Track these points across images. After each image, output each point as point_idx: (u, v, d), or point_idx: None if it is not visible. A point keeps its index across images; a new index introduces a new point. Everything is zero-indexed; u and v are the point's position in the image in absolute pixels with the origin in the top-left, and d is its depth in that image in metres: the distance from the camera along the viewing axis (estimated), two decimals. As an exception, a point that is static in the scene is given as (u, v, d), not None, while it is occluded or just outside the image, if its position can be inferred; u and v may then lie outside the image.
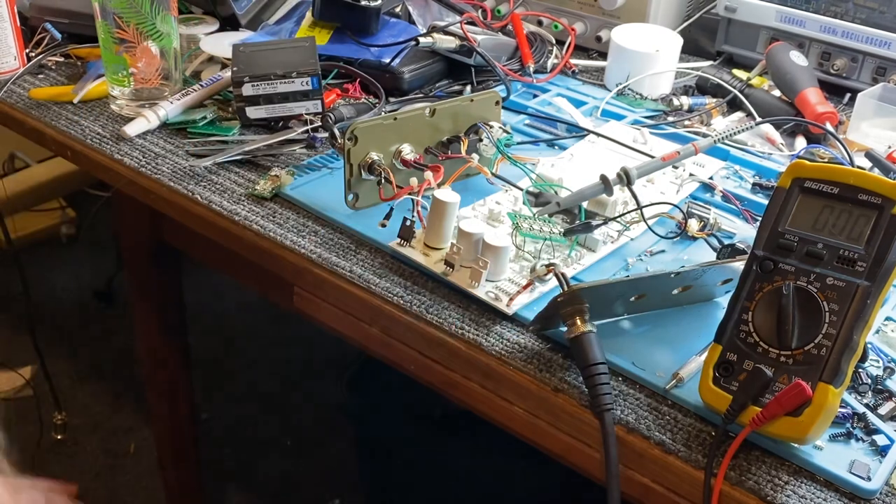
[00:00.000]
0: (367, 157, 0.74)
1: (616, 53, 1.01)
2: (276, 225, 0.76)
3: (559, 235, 0.72)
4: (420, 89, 0.98)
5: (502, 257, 0.67)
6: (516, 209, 0.76)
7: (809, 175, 0.57)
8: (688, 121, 0.94)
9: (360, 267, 0.71)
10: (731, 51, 1.10)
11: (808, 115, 0.91)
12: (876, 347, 0.64)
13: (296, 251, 0.73)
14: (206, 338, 1.90)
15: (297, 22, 1.03)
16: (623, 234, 0.75)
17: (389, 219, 0.72)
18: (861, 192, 0.55)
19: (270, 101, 0.87)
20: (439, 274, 0.69)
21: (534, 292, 0.67)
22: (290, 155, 0.86)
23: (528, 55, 1.02)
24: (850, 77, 1.02)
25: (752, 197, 0.81)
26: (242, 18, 1.04)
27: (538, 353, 0.63)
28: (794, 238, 0.56)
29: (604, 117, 0.95)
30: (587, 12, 1.11)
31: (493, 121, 0.81)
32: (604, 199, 0.75)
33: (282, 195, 0.80)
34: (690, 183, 0.82)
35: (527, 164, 0.81)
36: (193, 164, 0.84)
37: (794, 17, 1.03)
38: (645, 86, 0.99)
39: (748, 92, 0.97)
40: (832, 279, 0.54)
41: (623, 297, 0.64)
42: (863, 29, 0.99)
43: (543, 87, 1.01)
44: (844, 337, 0.52)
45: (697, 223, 0.74)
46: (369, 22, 0.98)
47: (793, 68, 0.96)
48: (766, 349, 0.55)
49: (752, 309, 0.56)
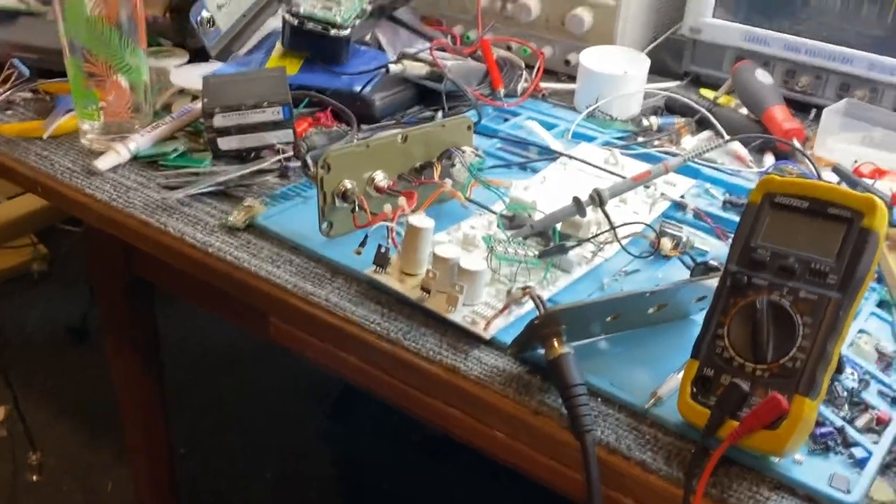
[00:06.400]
0: (340, 185, 0.74)
1: (585, 76, 1.02)
2: (251, 255, 0.76)
3: (534, 258, 0.72)
4: (392, 116, 0.98)
5: (478, 281, 0.67)
6: (491, 233, 0.76)
7: (779, 190, 0.58)
8: (657, 141, 0.95)
9: (335, 295, 0.71)
10: (698, 71, 1.11)
11: (776, 132, 0.93)
12: (851, 360, 0.64)
13: (270, 281, 0.73)
14: (183, 371, 1.88)
15: (267, 52, 1.03)
16: (597, 255, 0.75)
17: (364, 246, 0.72)
18: (830, 205, 0.56)
19: (242, 132, 0.87)
20: (416, 300, 0.69)
21: (510, 315, 0.67)
22: (262, 185, 0.86)
23: (498, 80, 1.03)
24: (815, 94, 1.04)
25: (723, 214, 0.82)
26: (212, 50, 1.04)
27: (517, 376, 0.63)
28: (766, 253, 0.57)
29: (575, 139, 0.96)
30: (555, 36, 1.12)
31: (465, 146, 0.81)
32: (577, 221, 0.75)
33: (255, 225, 0.80)
34: (662, 202, 0.83)
35: (500, 187, 0.82)
36: (165, 197, 0.83)
37: (759, 36, 1.05)
38: (614, 107, 1.00)
39: (716, 111, 0.99)
40: (805, 292, 0.54)
41: (599, 318, 0.64)
42: (825, 46, 1.01)
43: (514, 110, 1.01)
44: (819, 349, 0.53)
45: (670, 242, 0.75)
46: (339, 51, 0.99)
47: (758, 87, 0.98)
48: (742, 363, 0.55)
49: (727, 324, 0.56)
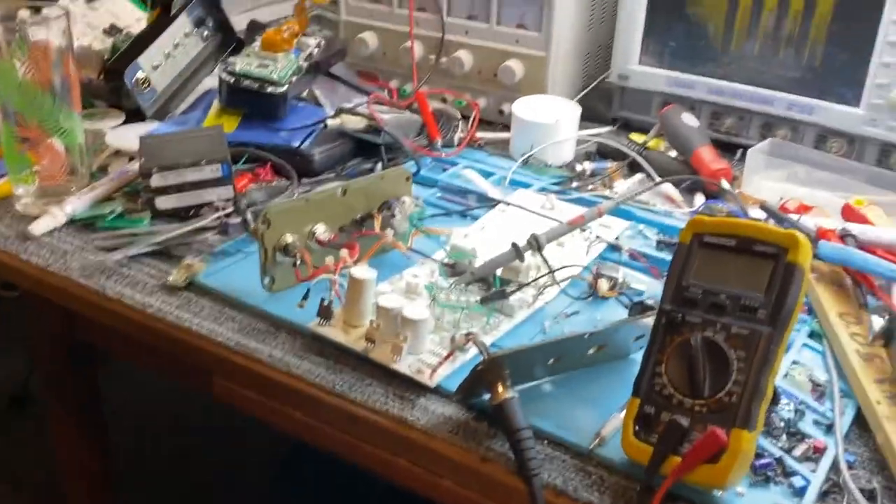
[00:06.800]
0: (281, 240, 0.75)
1: (519, 125, 1.05)
2: (192, 314, 0.75)
3: (476, 304, 0.73)
4: (332, 169, 0.99)
5: (422, 330, 0.68)
6: (433, 281, 0.77)
7: (708, 230, 0.60)
8: (591, 185, 0.98)
9: (279, 350, 0.71)
10: (628, 116, 1.15)
11: (704, 172, 0.96)
12: (786, 391, 0.66)
13: (213, 339, 0.73)
14: (128, 435, 1.83)
15: (205, 111, 1.03)
16: (538, 299, 0.77)
17: (307, 299, 0.72)
18: (756, 242, 0.58)
19: (180, 190, 0.87)
20: (360, 351, 0.69)
21: (455, 362, 0.68)
22: (203, 243, 0.85)
23: (435, 131, 1.05)
24: (739, 134, 1.08)
25: (657, 254, 0.84)
26: (148, 110, 1.04)
27: (464, 423, 0.64)
28: (698, 291, 0.58)
29: (512, 186, 0.98)
30: (489, 87, 1.15)
31: (404, 196, 0.82)
32: (517, 266, 0.76)
33: (196, 284, 0.79)
34: (598, 244, 0.85)
35: (440, 235, 0.83)
36: (103, 259, 0.83)
37: (683, 81, 1.09)
38: (549, 154, 1.03)
39: (646, 154, 1.02)
40: (737, 328, 0.56)
41: (542, 361, 0.65)
42: (747, 89, 1.06)
43: (452, 160, 1.03)
44: (753, 383, 0.54)
45: (607, 283, 0.77)
46: (277, 107, 1.00)
47: (685, 129, 1.01)
48: (681, 400, 0.56)
49: (664, 362, 0.58)
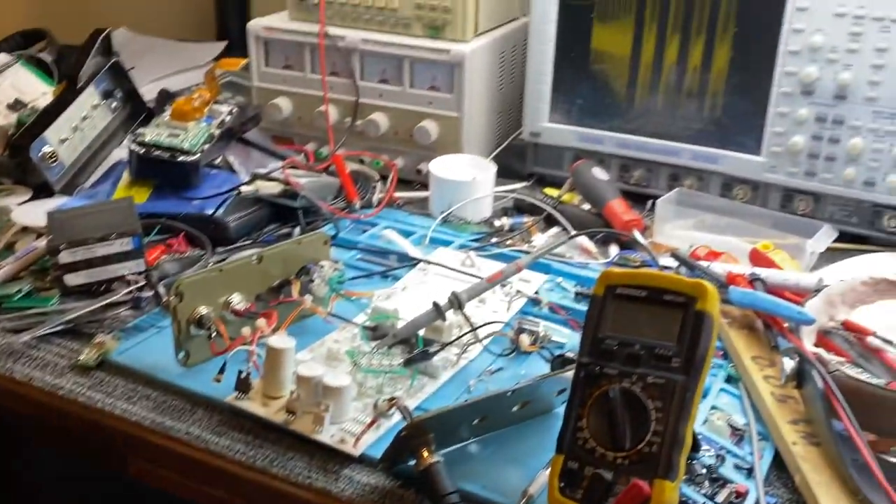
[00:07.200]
0: (195, 313, 0.73)
1: (436, 184, 1.06)
2: (104, 394, 0.73)
3: (399, 367, 0.73)
4: (248, 236, 0.98)
5: (344, 398, 0.67)
6: (355, 346, 0.76)
7: (619, 282, 0.61)
8: (510, 240, 0.99)
9: (196, 427, 0.69)
10: (541, 171, 1.17)
11: (617, 224, 0.98)
12: (706, 436, 0.67)
13: (127, 419, 0.70)
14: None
15: (115, 183, 1.02)
16: (462, 358, 0.76)
17: (224, 373, 0.70)
18: (666, 292, 0.59)
19: (90, 266, 0.84)
20: (281, 423, 0.67)
21: (380, 429, 0.67)
22: (115, 319, 0.83)
23: (353, 192, 1.05)
24: (648, 185, 1.12)
25: (576, 306, 0.85)
26: (56, 185, 1.02)
27: (390, 491, 0.63)
28: (614, 342, 0.59)
29: (432, 244, 0.98)
30: (406, 147, 1.16)
31: (323, 260, 0.82)
32: (439, 325, 0.76)
33: (108, 362, 0.76)
34: (519, 299, 0.86)
35: (361, 298, 0.83)
36: (11, 341, 0.79)
37: (592, 136, 1.12)
38: (467, 211, 1.04)
39: (561, 208, 1.04)
40: (653, 378, 0.57)
41: (467, 422, 0.65)
42: (653, 142, 1.09)
43: (372, 221, 1.03)
44: (671, 432, 0.55)
45: (529, 338, 0.77)
46: (189, 176, 0.98)
47: (597, 183, 1.04)
48: (604, 453, 0.56)
49: (585, 416, 0.58)
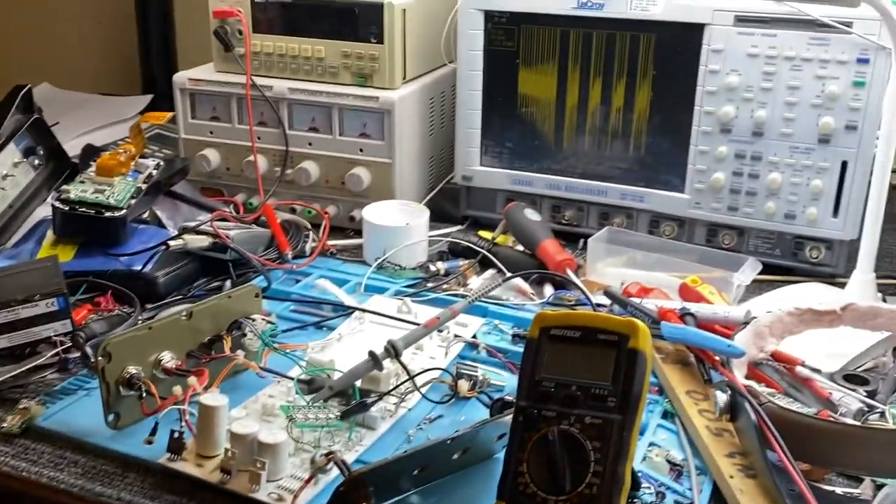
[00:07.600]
0: (123, 373, 0.71)
1: (370, 230, 1.06)
2: (29, 463, 0.70)
3: (336, 420, 0.71)
4: (178, 291, 0.96)
5: (280, 454, 0.66)
6: (290, 400, 0.74)
7: (553, 323, 0.61)
8: (446, 284, 1.00)
9: (128, 492, 0.66)
10: (475, 214, 1.18)
11: (550, 264, 0.99)
12: (646, 474, 0.68)
13: (53, 487, 0.67)
14: None
15: (38, 242, 0.99)
16: (400, 407, 0.76)
17: (156, 434, 0.68)
18: (599, 332, 0.59)
19: (14, 329, 0.82)
20: (217, 483, 0.65)
21: (318, 484, 0.65)
22: (40, 382, 0.80)
23: (285, 243, 1.04)
24: (580, 224, 1.13)
25: (513, 348, 0.85)
26: (-25, 245, 0.98)
27: (331, 547, 0.61)
28: (550, 384, 0.59)
29: (368, 292, 0.98)
30: (338, 195, 1.16)
31: (254, 313, 0.80)
32: (376, 375, 0.75)
33: (33, 428, 0.73)
34: (456, 344, 0.86)
35: (295, 351, 0.81)
36: (-74, 412, 0.76)
37: (523, 178, 1.14)
38: (402, 257, 1.04)
39: (495, 250, 1.05)
40: (590, 418, 0.57)
41: (407, 472, 0.64)
42: (582, 182, 1.11)
43: (305, 270, 1.02)
44: (610, 472, 0.55)
45: (467, 383, 0.77)
46: (116, 232, 0.96)
47: (529, 224, 1.05)
48: (545, 498, 0.56)
49: (525, 460, 0.57)
